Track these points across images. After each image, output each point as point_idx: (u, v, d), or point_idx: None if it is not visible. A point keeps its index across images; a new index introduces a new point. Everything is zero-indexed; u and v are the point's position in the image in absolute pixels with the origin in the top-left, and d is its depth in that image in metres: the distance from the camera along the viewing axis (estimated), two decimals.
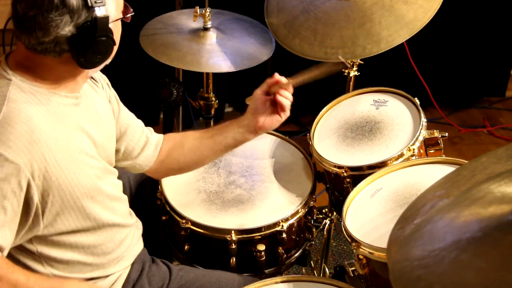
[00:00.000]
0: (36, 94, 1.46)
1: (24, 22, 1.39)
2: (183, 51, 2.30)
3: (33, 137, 1.41)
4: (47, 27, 1.38)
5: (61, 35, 1.40)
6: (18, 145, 1.38)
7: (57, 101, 1.49)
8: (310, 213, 1.97)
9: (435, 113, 3.41)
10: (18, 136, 1.38)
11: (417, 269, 0.94)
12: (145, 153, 1.82)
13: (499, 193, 0.97)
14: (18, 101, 1.42)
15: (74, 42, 1.41)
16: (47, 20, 1.38)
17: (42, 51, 1.42)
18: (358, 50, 2.03)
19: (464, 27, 3.45)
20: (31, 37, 1.40)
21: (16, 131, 1.38)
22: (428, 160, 1.84)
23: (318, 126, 2.10)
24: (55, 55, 1.43)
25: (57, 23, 1.38)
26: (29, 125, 1.41)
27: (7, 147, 1.37)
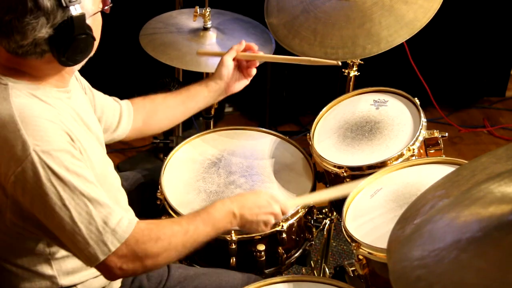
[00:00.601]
0: (34, 93, 1.47)
1: (1, 27, 1.40)
2: (183, 51, 2.30)
3: (56, 126, 1.44)
4: (24, 31, 1.39)
5: (39, 37, 1.41)
6: (52, 135, 1.41)
7: (53, 96, 1.51)
8: (310, 213, 1.97)
9: (435, 113, 3.41)
10: (47, 129, 1.41)
11: (417, 269, 0.94)
12: (122, 125, 1.91)
13: (499, 193, 0.97)
14: (23, 102, 1.44)
15: (53, 42, 1.42)
16: (23, 24, 1.38)
17: (23, 54, 1.43)
18: (358, 50, 2.03)
19: (464, 27, 3.45)
20: (10, 41, 1.41)
21: (42, 127, 1.41)
22: (428, 160, 1.84)
23: (318, 126, 2.10)
24: (36, 56, 1.44)
25: (33, 26, 1.39)
26: (46, 117, 1.43)
27: (47, 142, 1.40)
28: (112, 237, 1.42)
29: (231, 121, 3.47)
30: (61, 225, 1.40)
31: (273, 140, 2.16)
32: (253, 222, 1.64)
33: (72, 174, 1.41)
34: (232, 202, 1.62)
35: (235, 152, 2.10)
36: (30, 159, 1.38)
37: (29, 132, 1.39)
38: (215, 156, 2.08)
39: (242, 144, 2.14)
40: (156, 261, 1.48)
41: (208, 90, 1.99)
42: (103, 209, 1.43)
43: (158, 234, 1.48)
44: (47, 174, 1.38)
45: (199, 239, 1.54)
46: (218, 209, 1.59)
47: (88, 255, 1.42)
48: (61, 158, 1.40)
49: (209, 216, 1.57)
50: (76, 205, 1.40)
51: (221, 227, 1.59)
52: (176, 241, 1.50)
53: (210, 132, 2.19)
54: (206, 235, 1.56)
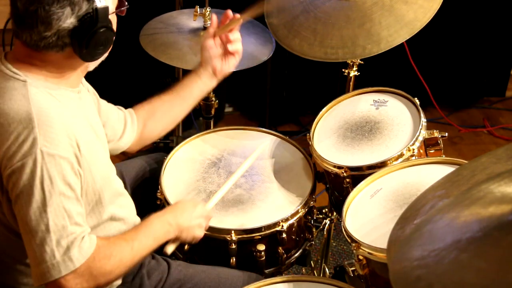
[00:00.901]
0: (50, 91, 1.49)
1: (25, 18, 1.41)
2: (183, 51, 2.30)
3: (68, 130, 1.45)
4: (49, 21, 1.40)
5: (63, 28, 1.41)
6: (62, 141, 1.43)
7: (67, 95, 1.53)
8: (310, 213, 1.97)
9: (435, 113, 3.41)
10: (59, 132, 1.42)
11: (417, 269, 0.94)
12: (126, 133, 1.91)
13: (499, 193, 0.97)
14: (41, 100, 1.45)
15: (76, 34, 1.43)
16: (49, 13, 1.39)
17: (45, 46, 1.44)
18: (358, 50, 2.03)
19: (464, 27, 3.45)
20: (33, 32, 1.42)
21: (55, 128, 1.42)
22: (428, 160, 1.84)
23: (318, 126, 2.10)
24: (57, 49, 1.45)
25: (58, 16, 1.40)
26: (60, 120, 1.45)
27: (56, 146, 1.41)
28: (78, 254, 1.42)
29: (231, 121, 3.47)
30: (34, 230, 1.40)
31: (273, 140, 2.16)
32: (189, 227, 1.68)
33: (66, 186, 1.42)
34: (164, 213, 1.67)
35: (235, 152, 2.10)
36: (34, 157, 1.39)
37: (42, 131, 1.40)
38: (215, 156, 2.08)
39: (242, 144, 2.14)
40: (108, 279, 1.49)
41: (199, 78, 1.98)
42: (77, 227, 1.43)
43: (110, 251, 1.49)
44: (43, 176, 1.39)
45: (144, 253, 1.58)
46: (155, 221, 1.63)
47: (51, 267, 1.40)
48: (62, 166, 1.41)
49: (149, 230, 1.60)
50: (55, 216, 1.40)
51: (160, 238, 1.62)
52: (125, 257, 1.52)
53: (210, 132, 2.19)
54: (148, 248, 1.59)
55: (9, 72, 1.47)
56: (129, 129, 1.91)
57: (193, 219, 1.69)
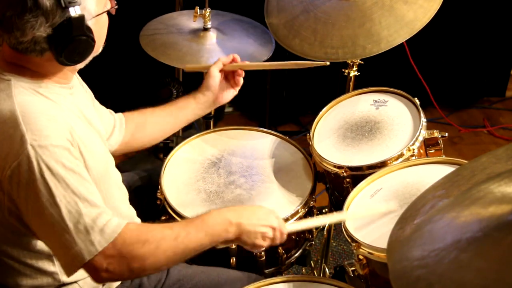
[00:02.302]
0: (37, 89, 1.49)
1: (3, 22, 1.42)
2: (183, 51, 2.30)
3: (58, 122, 1.44)
4: (23, 28, 1.41)
5: (38, 35, 1.42)
6: (52, 131, 1.41)
7: (56, 92, 1.53)
8: (310, 213, 1.96)
9: (435, 113, 3.41)
10: (46, 124, 1.41)
11: (417, 269, 0.94)
12: (113, 136, 1.91)
13: (499, 193, 0.97)
14: (25, 98, 1.45)
15: (52, 41, 1.43)
16: (22, 21, 1.40)
17: (23, 50, 1.45)
18: (358, 50, 2.03)
19: (464, 27, 3.45)
20: (11, 36, 1.43)
21: (41, 122, 1.41)
22: (428, 160, 1.84)
23: (318, 126, 2.10)
24: (36, 54, 1.46)
25: (32, 24, 1.40)
26: (48, 113, 1.44)
27: (46, 137, 1.40)
28: (100, 237, 1.40)
29: (231, 121, 3.47)
30: (50, 222, 1.39)
31: (273, 140, 2.16)
32: (251, 232, 1.55)
33: (68, 171, 1.41)
34: (229, 211, 1.57)
35: (235, 152, 2.10)
36: (27, 153, 1.38)
37: (28, 127, 1.40)
38: (215, 156, 2.08)
39: (242, 144, 2.14)
40: (143, 265, 1.44)
41: (196, 102, 2.00)
42: (92, 209, 1.42)
43: (147, 237, 1.44)
44: (41, 169, 1.38)
45: (191, 246, 1.49)
46: (214, 216, 1.54)
47: (75, 254, 1.40)
48: (58, 154, 1.40)
49: (202, 223, 1.51)
50: (67, 203, 1.39)
51: (215, 234, 1.52)
52: (165, 246, 1.45)
53: (210, 132, 2.19)
54: (199, 242, 1.50)
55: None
56: (116, 133, 1.92)
57: (260, 226, 1.56)
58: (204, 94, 2.00)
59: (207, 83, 1.98)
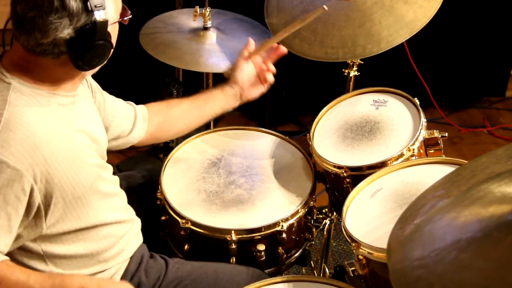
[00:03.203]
0: (36, 96, 1.46)
1: (23, 23, 1.40)
2: (182, 50, 2.30)
3: (35, 142, 1.41)
4: (46, 29, 1.39)
5: (60, 38, 1.40)
6: (19, 151, 1.39)
7: (56, 102, 1.50)
8: (310, 213, 1.96)
9: (435, 113, 3.41)
10: (20, 141, 1.39)
11: (417, 269, 0.94)
12: (136, 129, 1.90)
13: (499, 193, 0.97)
14: (19, 105, 1.43)
15: (73, 45, 1.42)
16: (46, 22, 1.38)
17: (41, 52, 1.43)
18: (358, 50, 2.03)
19: (464, 27, 3.45)
20: (30, 38, 1.41)
21: (18, 136, 1.39)
22: (428, 160, 1.84)
23: (318, 126, 2.10)
24: (53, 56, 1.44)
25: (56, 26, 1.39)
26: (30, 129, 1.41)
27: (9, 154, 1.38)
28: None
29: (231, 121, 3.47)
30: None
31: (273, 140, 2.16)
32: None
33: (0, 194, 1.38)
34: (92, 280, 1.48)
35: (235, 152, 2.10)
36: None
37: (3, 136, 1.38)
38: (215, 156, 2.08)
39: (242, 144, 2.14)
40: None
41: (223, 95, 1.98)
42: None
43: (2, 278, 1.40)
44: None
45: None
46: (75, 281, 1.44)
47: None
48: (6, 175, 1.38)
49: (60, 284, 1.43)
50: None
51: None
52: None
53: (210, 132, 2.19)
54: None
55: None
56: (140, 125, 1.90)
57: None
58: (232, 87, 1.98)
59: (234, 76, 1.96)
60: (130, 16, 1.56)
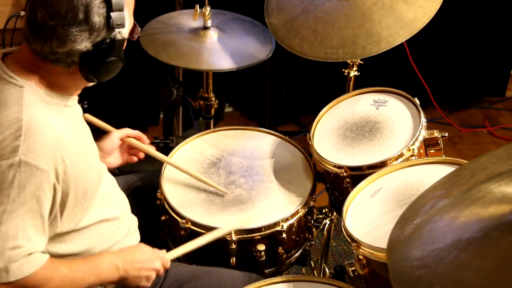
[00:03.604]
0: (47, 99, 1.48)
1: (41, 30, 1.40)
2: (183, 50, 2.30)
3: (55, 143, 1.43)
4: (64, 40, 1.39)
5: (77, 49, 1.41)
6: (45, 153, 1.41)
7: (64, 104, 1.52)
8: (310, 213, 1.97)
9: (435, 113, 3.41)
10: (44, 143, 1.41)
11: (417, 269, 0.94)
12: None
13: (499, 193, 0.97)
14: (35, 109, 1.44)
15: (87, 58, 1.43)
16: (67, 33, 1.38)
17: (53, 60, 1.43)
18: (358, 50, 2.03)
19: (464, 27, 3.45)
20: (45, 45, 1.41)
21: (41, 139, 1.41)
22: (428, 160, 1.84)
23: (318, 126, 2.10)
24: (64, 65, 1.44)
25: (75, 38, 1.39)
26: (49, 131, 1.43)
27: (37, 157, 1.40)
28: (16, 269, 1.40)
29: (231, 121, 3.47)
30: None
31: (273, 140, 2.16)
32: (136, 277, 1.63)
33: (33, 199, 1.40)
34: (117, 256, 1.62)
35: (235, 152, 2.10)
36: (11, 162, 1.37)
37: (27, 140, 1.39)
38: (215, 156, 2.08)
39: (242, 144, 2.14)
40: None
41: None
42: (26, 243, 1.41)
43: (52, 275, 1.47)
44: (12, 183, 1.38)
45: (83, 286, 1.55)
46: (105, 261, 1.59)
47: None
48: (37, 178, 1.40)
49: (95, 267, 1.56)
50: (9, 224, 1.39)
51: (104, 278, 1.58)
52: (63, 286, 1.50)
53: (210, 132, 2.19)
54: (89, 284, 1.55)
55: (6, 76, 1.45)
56: None
57: (143, 270, 1.64)
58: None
59: (103, 144, 1.89)
60: (140, 34, 1.56)
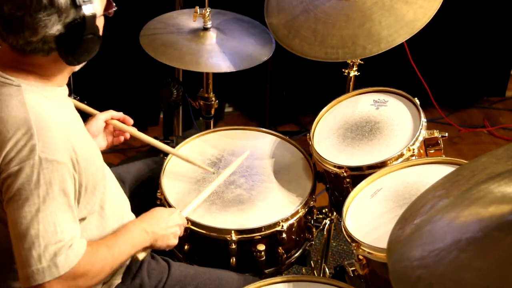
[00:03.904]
0: (44, 93, 1.49)
1: (11, 23, 1.40)
2: (183, 51, 2.30)
3: (65, 135, 1.45)
4: (35, 27, 1.40)
5: (49, 35, 1.41)
6: (60, 146, 1.43)
7: (59, 95, 1.53)
8: (310, 213, 1.97)
9: (435, 113, 3.41)
10: (57, 137, 1.43)
11: (417, 269, 0.94)
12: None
13: (499, 193, 0.97)
14: (37, 105, 1.45)
15: (62, 40, 1.43)
16: (35, 20, 1.39)
17: (31, 51, 1.44)
18: (358, 50, 2.03)
19: (464, 27, 3.45)
20: (19, 37, 1.41)
21: (53, 134, 1.42)
22: (428, 160, 1.84)
23: (318, 126, 2.10)
24: (43, 54, 1.45)
25: (45, 23, 1.39)
26: (58, 125, 1.45)
27: (55, 152, 1.41)
28: (64, 262, 1.42)
29: (231, 121, 3.47)
30: (23, 234, 1.40)
31: (273, 140, 2.16)
32: (164, 236, 1.68)
33: (60, 192, 1.42)
34: (141, 221, 1.67)
35: (235, 152, 2.10)
36: (32, 162, 1.39)
37: (41, 137, 1.40)
38: (215, 156, 2.08)
39: (242, 144, 2.14)
40: (88, 284, 1.50)
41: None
42: (65, 234, 1.43)
43: (94, 258, 1.49)
44: (39, 182, 1.39)
45: (122, 259, 1.59)
46: (132, 228, 1.63)
47: (36, 271, 1.40)
48: (59, 172, 1.42)
49: (127, 236, 1.60)
50: (47, 222, 1.40)
51: (137, 244, 1.62)
52: (107, 264, 1.53)
53: (210, 132, 2.19)
54: (127, 254, 1.60)
55: (1, 78, 1.46)
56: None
57: (168, 227, 1.69)
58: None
59: (88, 125, 1.88)
60: (115, 8, 1.56)
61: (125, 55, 3.10)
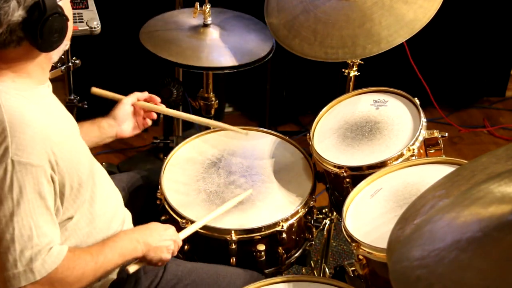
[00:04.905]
0: (21, 92, 1.47)
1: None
2: (183, 47, 2.30)
3: (42, 135, 1.43)
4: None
5: (13, 22, 1.40)
6: (36, 148, 1.41)
7: (39, 93, 1.51)
8: (310, 213, 1.97)
9: (435, 113, 3.41)
10: (32, 139, 1.41)
11: (417, 269, 0.94)
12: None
13: (499, 193, 0.97)
14: (13, 105, 1.43)
15: (28, 26, 1.41)
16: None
17: (1, 45, 1.42)
18: (358, 50, 2.03)
19: (464, 27, 3.45)
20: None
21: (28, 136, 1.41)
22: (428, 160, 1.84)
23: (318, 126, 2.10)
24: (14, 45, 1.43)
25: (5, 11, 1.38)
26: (34, 125, 1.43)
27: (29, 154, 1.40)
28: (41, 267, 1.41)
29: (231, 121, 3.46)
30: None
31: (273, 140, 2.16)
32: (157, 248, 1.64)
33: (36, 194, 1.41)
34: (134, 231, 1.65)
35: (235, 152, 2.10)
36: (4, 166, 1.38)
37: (14, 140, 1.39)
38: (215, 156, 2.08)
39: (242, 144, 2.14)
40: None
41: (99, 130, 1.90)
42: (42, 239, 1.42)
43: (74, 264, 1.48)
44: (12, 186, 1.38)
45: (107, 268, 1.55)
46: (123, 238, 1.61)
47: (11, 276, 1.40)
48: (34, 175, 1.40)
49: (115, 245, 1.57)
50: (22, 226, 1.40)
51: (127, 254, 1.59)
52: (88, 271, 1.50)
53: (210, 132, 2.19)
54: (113, 264, 1.57)
55: None
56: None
57: (162, 240, 1.65)
58: (109, 123, 1.91)
59: (116, 113, 1.90)
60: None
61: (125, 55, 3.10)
